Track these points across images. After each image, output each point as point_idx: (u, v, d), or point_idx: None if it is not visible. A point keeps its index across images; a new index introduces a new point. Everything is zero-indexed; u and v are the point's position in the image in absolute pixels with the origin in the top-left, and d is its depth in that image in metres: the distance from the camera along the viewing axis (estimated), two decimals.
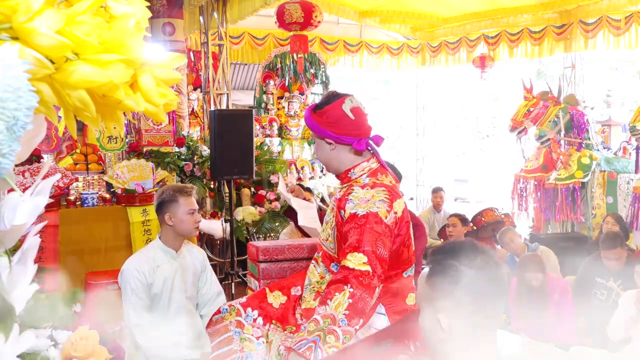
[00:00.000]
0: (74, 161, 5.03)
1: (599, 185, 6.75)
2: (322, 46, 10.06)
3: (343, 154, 2.11)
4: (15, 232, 0.81)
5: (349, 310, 1.76)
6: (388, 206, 1.94)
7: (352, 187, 2.05)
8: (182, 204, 2.70)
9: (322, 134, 2.09)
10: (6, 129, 0.64)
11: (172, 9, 6.67)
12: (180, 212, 2.69)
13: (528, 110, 7.08)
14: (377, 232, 1.88)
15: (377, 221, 1.89)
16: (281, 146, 8.51)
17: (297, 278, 2.28)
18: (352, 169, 2.09)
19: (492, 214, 7.04)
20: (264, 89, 8.78)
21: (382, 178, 2.08)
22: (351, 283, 1.80)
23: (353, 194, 2.01)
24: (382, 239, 1.89)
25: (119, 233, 4.49)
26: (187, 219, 2.70)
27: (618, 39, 7.91)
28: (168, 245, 2.76)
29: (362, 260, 1.82)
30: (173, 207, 2.70)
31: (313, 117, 2.10)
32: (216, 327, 2.20)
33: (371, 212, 1.91)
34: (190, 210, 2.71)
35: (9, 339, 0.74)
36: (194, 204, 2.73)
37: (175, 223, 2.73)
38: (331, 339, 1.72)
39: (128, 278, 2.67)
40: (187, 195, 2.71)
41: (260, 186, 6.29)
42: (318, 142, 2.14)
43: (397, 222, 1.97)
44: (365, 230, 1.88)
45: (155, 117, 0.89)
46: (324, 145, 2.11)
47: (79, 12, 0.76)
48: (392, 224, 1.94)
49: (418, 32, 10.74)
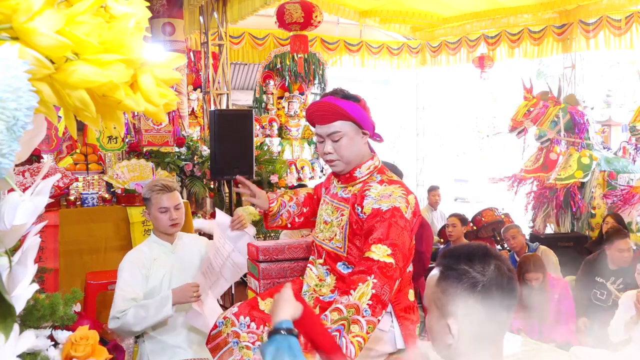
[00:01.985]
0: (74, 161, 5.03)
1: (599, 185, 6.75)
2: (323, 46, 10.06)
3: (365, 149, 2.10)
4: (15, 232, 0.81)
5: (372, 301, 1.75)
6: (406, 201, 1.96)
7: (368, 183, 2.04)
8: (154, 202, 2.66)
9: (368, 125, 2.05)
10: (6, 129, 0.64)
11: (172, 9, 6.67)
12: (153, 210, 2.67)
13: (528, 110, 7.08)
14: (400, 227, 1.89)
15: (400, 216, 1.91)
16: (281, 146, 8.52)
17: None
18: (359, 167, 2.09)
19: (492, 214, 7.04)
20: (264, 89, 8.79)
21: (390, 175, 2.09)
22: (375, 274, 1.79)
23: (371, 190, 2.00)
24: (404, 233, 1.90)
25: (119, 233, 4.49)
26: (159, 216, 2.66)
27: (618, 39, 7.91)
28: (161, 238, 2.73)
29: (386, 252, 1.83)
30: (148, 204, 2.69)
31: (360, 106, 2.03)
32: (215, 341, 2.20)
33: (395, 207, 1.92)
34: (161, 208, 2.65)
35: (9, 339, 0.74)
36: (164, 202, 2.65)
37: (151, 220, 2.73)
38: (355, 329, 1.71)
39: (124, 264, 2.66)
40: (159, 192, 2.65)
41: (260, 186, 6.29)
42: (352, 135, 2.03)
43: (412, 216, 1.98)
44: (391, 224, 1.88)
45: (155, 117, 0.89)
46: (359, 138, 2.04)
47: (79, 12, 0.76)
48: (410, 219, 1.95)
49: (418, 32, 10.75)
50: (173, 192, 2.70)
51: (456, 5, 9.48)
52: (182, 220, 2.73)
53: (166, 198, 2.65)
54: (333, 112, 2.01)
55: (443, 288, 1.23)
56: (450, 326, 1.20)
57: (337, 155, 2.05)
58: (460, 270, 1.21)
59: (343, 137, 2.02)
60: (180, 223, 2.71)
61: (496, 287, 1.19)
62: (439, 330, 1.23)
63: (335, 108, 2.01)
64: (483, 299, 1.19)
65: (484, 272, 1.20)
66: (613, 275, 4.52)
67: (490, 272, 1.20)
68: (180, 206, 2.71)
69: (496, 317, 1.20)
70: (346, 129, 2.02)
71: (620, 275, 4.48)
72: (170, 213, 2.66)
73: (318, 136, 2.11)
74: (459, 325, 1.20)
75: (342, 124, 2.01)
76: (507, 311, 1.22)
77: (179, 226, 2.73)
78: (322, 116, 2.03)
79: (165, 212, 2.65)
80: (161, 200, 2.65)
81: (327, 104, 2.04)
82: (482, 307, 1.19)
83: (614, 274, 4.53)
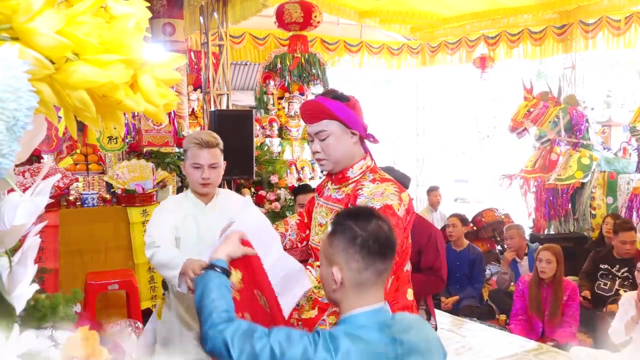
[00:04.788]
0: (74, 161, 5.03)
1: (599, 185, 6.75)
2: (323, 46, 10.07)
3: (355, 149, 2.09)
4: (15, 232, 0.81)
5: None
6: (398, 199, 1.95)
7: (360, 182, 2.04)
8: (190, 155, 2.46)
9: (356, 124, 2.04)
10: (6, 129, 0.64)
11: (173, 9, 6.67)
12: (187, 164, 2.48)
13: (528, 110, 7.08)
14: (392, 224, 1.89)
15: (392, 213, 1.90)
16: (281, 146, 8.51)
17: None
18: (351, 167, 2.09)
19: (492, 214, 7.05)
20: (264, 89, 8.78)
21: (383, 174, 2.09)
22: None
23: (364, 189, 2.00)
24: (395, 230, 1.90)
25: (119, 233, 4.49)
26: (191, 172, 2.46)
27: (618, 39, 7.91)
28: (195, 196, 2.52)
29: None
30: (185, 157, 2.51)
31: (348, 107, 2.02)
32: None
33: (386, 205, 1.91)
34: (195, 164, 2.44)
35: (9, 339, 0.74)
36: (200, 158, 2.43)
37: (185, 174, 2.54)
38: None
39: (157, 210, 2.49)
40: (197, 145, 2.44)
41: (260, 186, 6.29)
42: (339, 134, 2.03)
43: (405, 213, 1.98)
44: None
45: (155, 117, 0.89)
46: (347, 137, 2.04)
47: (79, 12, 0.76)
48: (403, 216, 1.95)
49: (418, 32, 10.75)
50: (213, 148, 2.47)
51: (456, 6, 9.48)
52: (216, 182, 2.51)
53: (203, 154, 2.44)
54: (319, 112, 2.03)
55: (330, 241, 1.41)
56: (334, 274, 1.38)
57: (324, 155, 2.07)
58: (346, 226, 1.39)
59: (330, 136, 2.03)
60: (213, 184, 2.50)
61: (374, 240, 1.37)
62: (326, 277, 1.42)
63: (321, 107, 2.02)
64: (361, 250, 1.36)
65: (364, 227, 1.38)
66: (618, 263, 4.67)
67: (370, 227, 1.38)
68: (217, 165, 2.48)
69: (373, 266, 1.38)
70: (332, 128, 2.02)
71: (625, 265, 4.59)
72: (203, 171, 2.44)
73: (309, 135, 2.13)
74: (342, 274, 1.37)
75: (328, 123, 2.02)
76: (383, 262, 1.39)
77: (212, 187, 2.51)
78: (310, 115, 2.05)
79: (198, 169, 2.44)
80: (197, 156, 2.44)
81: (314, 103, 2.07)
82: (361, 256, 1.36)
83: (619, 262, 4.67)
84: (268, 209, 6.10)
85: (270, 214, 6.09)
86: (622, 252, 4.68)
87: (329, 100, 2.03)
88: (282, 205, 6.12)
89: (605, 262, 4.77)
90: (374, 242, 1.37)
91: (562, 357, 3.94)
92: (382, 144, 2.22)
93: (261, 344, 1.32)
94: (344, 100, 2.04)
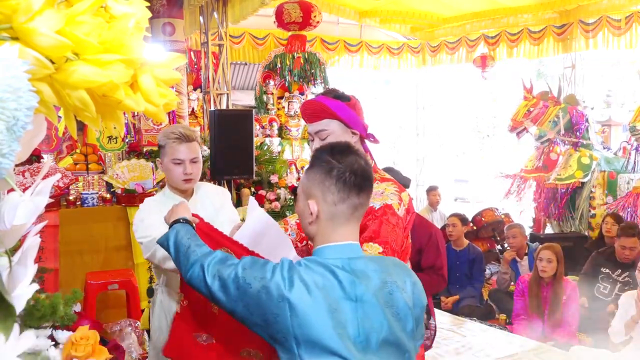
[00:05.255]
0: (74, 161, 5.03)
1: (599, 185, 6.75)
2: (323, 46, 10.07)
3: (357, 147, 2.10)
4: (15, 232, 0.81)
5: None
6: (398, 199, 1.96)
7: None
8: (168, 151, 2.37)
9: (357, 124, 2.04)
10: (6, 129, 0.64)
11: (172, 9, 6.66)
12: (166, 160, 2.38)
13: (528, 110, 7.08)
14: (392, 224, 1.89)
15: (392, 213, 1.90)
16: (281, 146, 8.50)
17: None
18: None
19: (492, 214, 7.05)
20: (264, 89, 8.78)
21: (383, 173, 2.09)
22: None
23: None
24: (395, 230, 1.89)
25: (118, 233, 4.49)
26: (172, 168, 2.37)
27: (618, 38, 7.91)
28: (175, 193, 2.45)
29: (378, 251, 1.82)
30: (161, 153, 2.41)
31: (348, 106, 2.02)
32: None
33: (387, 204, 1.91)
34: (175, 159, 2.35)
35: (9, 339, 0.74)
36: (180, 153, 2.34)
37: (163, 171, 2.46)
38: None
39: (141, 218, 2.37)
40: (175, 140, 2.35)
41: (260, 186, 6.28)
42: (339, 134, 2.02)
43: (405, 213, 1.98)
44: (382, 221, 1.88)
45: (155, 117, 0.89)
46: (347, 137, 2.02)
47: (79, 12, 0.76)
48: (403, 216, 1.95)
49: (418, 32, 10.75)
50: (192, 142, 2.39)
51: (456, 5, 9.48)
52: (197, 176, 2.45)
53: (183, 149, 2.36)
54: (320, 111, 2.03)
55: (308, 174, 1.44)
56: (310, 206, 1.40)
57: None
58: (322, 159, 1.42)
59: (330, 136, 2.02)
60: (195, 179, 2.43)
61: (350, 173, 1.38)
62: (303, 210, 1.44)
63: (322, 107, 2.02)
64: (337, 182, 1.38)
65: (341, 160, 1.39)
66: (620, 267, 4.63)
67: (346, 161, 1.39)
68: (197, 159, 2.41)
69: (349, 199, 1.39)
70: (333, 128, 2.02)
71: (627, 270, 4.56)
72: (185, 166, 2.36)
73: (309, 134, 2.13)
74: (318, 206, 1.39)
75: (328, 122, 2.02)
76: (358, 195, 1.40)
77: (194, 182, 2.45)
78: (311, 114, 2.05)
79: (179, 165, 2.36)
80: (177, 151, 2.35)
81: (315, 102, 2.06)
82: (336, 188, 1.38)
83: (620, 266, 4.63)
84: (268, 209, 6.11)
85: (270, 214, 6.08)
86: (622, 256, 4.64)
87: (330, 100, 2.03)
88: (282, 205, 6.11)
89: (606, 266, 4.72)
90: (350, 174, 1.38)
91: (562, 357, 3.94)
92: (382, 144, 2.22)
93: (230, 270, 1.37)
94: (344, 100, 2.04)
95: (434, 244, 3.55)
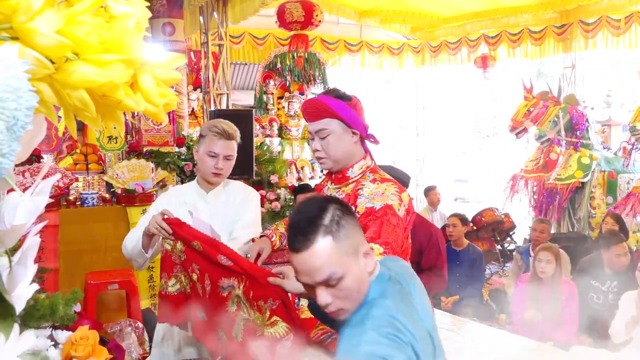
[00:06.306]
0: (74, 161, 5.03)
1: (599, 185, 6.75)
2: (323, 46, 10.07)
3: (356, 148, 2.09)
4: (15, 232, 0.81)
5: None
6: (398, 199, 1.96)
7: (360, 182, 2.04)
8: (207, 142, 2.45)
9: (357, 124, 2.04)
10: (6, 129, 0.63)
11: (172, 9, 6.67)
12: (202, 150, 2.46)
13: (528, 110, 7.08)
14: (392, 224, 1.89)
15: (392, 213, 1.90)
16: (281, 146, 8.51)
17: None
18: (351, 167, 2.09)
19: (492, 214, 7.06)
20: (264, 89, 8.78)
21: (383, 174, 2.09)
22: None
23: (364, 189, 2.00)
24: (396, 230, 1.89)
25: (119, 233, 4.48)
26: (205, 159, 2.45)
27: (618, 39, 7.92)
28: (200, 184, 2.54)
29: (379, 251, 1.82)
30: (200, 142, 2.49)
31: (349, 106, 2.02)
32: None
33: (387, 205, 1.91)
34: (210, 152, 2.43)
35: (9, 339, 0.74)
36: (217, 147, 2.43)
37: (197, 160, 2.54)
38: None
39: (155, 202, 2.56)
40: (216, 135, 2.43)
41: (260, 186, 6.29)
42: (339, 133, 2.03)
43: (405, 213, 1.98)
44: (383, 222, 1.88)
45: (155, 117, 0.89)
46: (347, 136, 2.04)
47: (79, 12, 0.76)
48: (404, 217, 1.95)
49: (418, 32, 10.75)
50: (231, 140, 2.47)
51: (456, 5, 9.48)
52: (227, 172, 2.52)
53: (221, 144, 2.45)
54: (321, 110, 2.03)
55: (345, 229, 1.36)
56: (365, 261, 1.38)
57: (324, 153, 2.07)
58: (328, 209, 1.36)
59: (330, 135, 2.03)
60: (224, 175, 2.51)
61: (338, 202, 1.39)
62: (360, 276, 1.38)
63: (323, 106, 2.02)
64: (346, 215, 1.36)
65: (330, 199, 1.39)
66: (609, 279, 4.52)
67: (330, 197, 1.42)
68: (231, 157, 2.50)
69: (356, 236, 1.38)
70: (333, 127, 2.03)
71: (616, 279, 4.48)
72: (218, 161, 2.45)
73: (309, 133, 2.13)
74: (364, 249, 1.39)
75: (329, 121, 2.02)
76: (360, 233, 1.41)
77: (223, 177, 2.52)
78: (312, 113, 2.05)
79: (213, 157, 2.44)
80: (214, 144, 2.44)
81: (316, 101, 2.06)
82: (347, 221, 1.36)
83: (610, 277, 4.53)
84: (268, 209, 6.11)
85: (270, 214, 6.09)
86: (617, 264, 4.51)
87: (330, 99, 2.03)
88: (282, 205, 6.12)
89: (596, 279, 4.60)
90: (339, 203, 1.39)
91: (562, 357, 3.94)
92: (382, 143, 2.22)
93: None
94: (345, 100, 2.04)
95: (435, 244, 3.54)
